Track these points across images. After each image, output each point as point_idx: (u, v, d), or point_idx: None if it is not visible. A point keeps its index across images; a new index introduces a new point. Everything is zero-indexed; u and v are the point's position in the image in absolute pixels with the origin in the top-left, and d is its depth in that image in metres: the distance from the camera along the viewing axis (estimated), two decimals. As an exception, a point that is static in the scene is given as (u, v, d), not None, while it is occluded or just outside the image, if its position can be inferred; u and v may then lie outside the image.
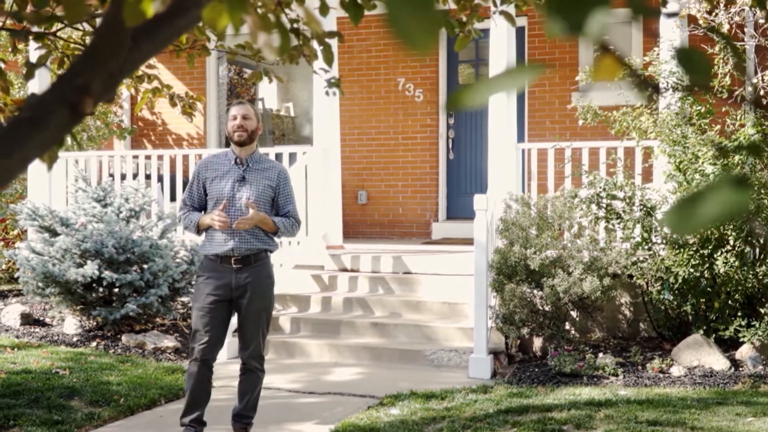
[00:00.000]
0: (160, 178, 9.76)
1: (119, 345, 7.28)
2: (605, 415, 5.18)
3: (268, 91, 11.93)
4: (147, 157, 9.46)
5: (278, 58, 1.60)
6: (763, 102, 7.63)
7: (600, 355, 6.64)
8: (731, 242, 6.54)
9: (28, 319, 7.96)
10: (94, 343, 7.31)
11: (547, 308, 6.82)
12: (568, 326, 7.11)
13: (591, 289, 6.53)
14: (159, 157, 9.98)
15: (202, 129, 11.58)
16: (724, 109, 7.34)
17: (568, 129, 9.55)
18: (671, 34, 7.32)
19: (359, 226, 10.73)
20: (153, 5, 1.20)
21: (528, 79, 0.92)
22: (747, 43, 7.49)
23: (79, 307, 7.67)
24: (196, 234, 4.83)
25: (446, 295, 7.67)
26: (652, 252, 6.81)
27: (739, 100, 7.39)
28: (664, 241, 6.79)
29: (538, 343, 7.00)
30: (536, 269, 6.66)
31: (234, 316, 4.87)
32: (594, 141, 7.99)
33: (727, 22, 7.39)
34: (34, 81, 8.52)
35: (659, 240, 6.83)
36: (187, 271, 7.75)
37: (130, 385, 5.98)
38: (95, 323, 7.66)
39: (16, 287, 9.40)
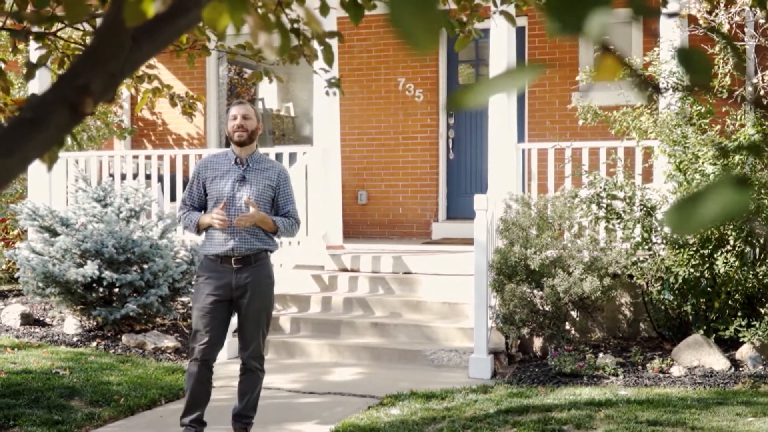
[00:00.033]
0: (160, 178, 9.76)
1: (119, 345, 7.29)
2: (605, 415, 5.18)
3: (268, 91, 11.93)
4: (147, 157, 9.46)
5: (279, 58, 1.60)
6: (764, 102, 7.63)
7: (600, 355, 6.64)
8: (731, 242, 6.54)
9: (28, 319, 7.96)
10: (95, 343, 7.31)
11: (547, 308, 6.82)
12: (568, 326, 7.11)
13: (591, 289, 6.53)
14: (159, 157, 9.98)
15: (203, 129, 11.58)
16: (725, 109, 7.34)
17: (569, 129, 9.55)
18: (671, 34, 7.32)
19: (359, 226, 10.73)
20: (154, 5, 1.20)
21: (528, 79, 0.92)
22: (747, 43, 7.49)
23: (79, 307, 7.67)
24: (196, 234, 4.83)
25: (446, 295, 7.67)
26: (652, 252, 6.81)
27: (739, 100, 7.39)
28: (665, 241, 6.79)
29: (538, 343, 7.00)
30: (536, 269, 6.66)
31: (234, 316, 4.87)
32: (594, 141, 7.99)
33: (728, 22, 7.38)
34: (35, 81, 8.53)
35: (659, 240, 6.83)
36: (188, 271, 7.75)
37: (130, 385, 5.98)
38: (95, 323, 7.67)
39: (16, 287, 9.40)
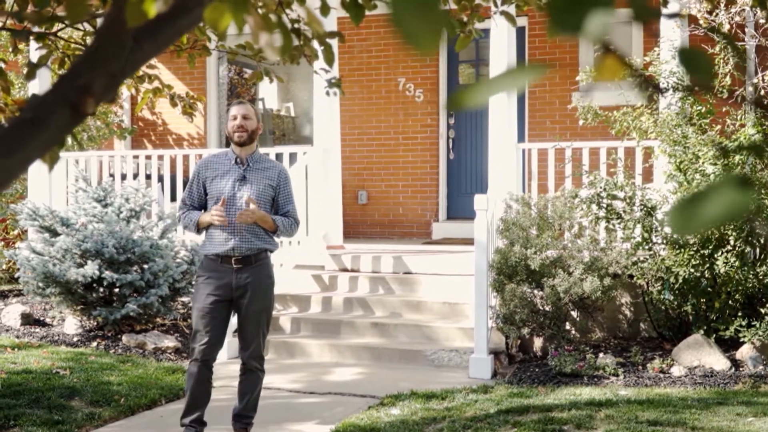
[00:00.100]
0: (160, 178, 9.76)
1: (120, 345, 7.28)
2: (606, 415, 5.18)
3: (269, 91, 11.93)
4: (147, 157, 9.46)
5: (279, 58, 1.60)
6: (764, 102, 7.63)
7: (600, 355, 6.64)
8: (732, 242, 6.53)
9: (28, 319, 7.96)
10: (95, 343, 7.31)
11: (547, 308, 6.82)
12: (568, 326, 7.11)
13: (591, 289, 6.53)
14: (159, 157, 9.98)
15: (203, 129, 11.58)
16: (725, 109, 7.34)
17: (569, 129, 9.55)
18: (671, 34, 7.32)
19: (359, 226, 10.73)
20: (155, 5, 1.20)
21: (529, 79, 0.92)
22: (747, 43, 7.49)
23: (79, 307, 7.67)
24: (196, 233, 4.83)
25: (447, 295, 7.67)
26: (652, 252, 6.81)
27: (739, 100, 7.38)
28: (665, 241, 6.79)
29: (538, 343, 7.00)
30: (537, 269, 6.66)
31: (234, 316, 4.87)
32: (594, 141, 7.99)
33: (728, 22, 7.38)
34: (35, 81, 8.53)
35: (660, 240, 6.82)
36: (188, 271, 7.75)
37: (130, 385, 5.98)
38: (96, 323, 7.66)
39: (16, 287, 9.40)
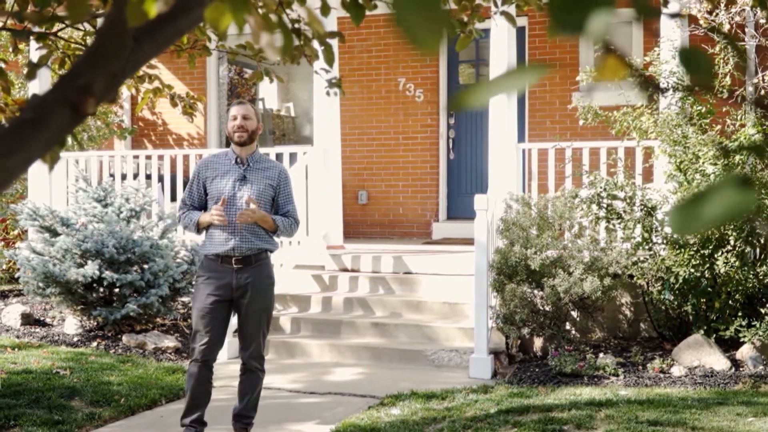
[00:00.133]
0: (160, 178, 9.76)
1: (120, 345, 7.28)
2: (606, 415, 5.18)
3: (269, 91, 11.93)
4: (147, 157, 9.47)
5: (279, 58, 1.60)
6: (764, 102, 7.63)
7: (600, 355, 6.64)
8: (732, 242, 6.53)
9: (28, 319, 7.96)
10: (95, 343, 7.31)
11: (547, 308, 6.82)
12: (568, 326, 7.11)
13: (591, 289, 6.53)
14: (159, 157, 9.98)
15: (203, 129, 11.57)
16: (725, 109, 7.34)
17: (569, 129, 9.55)
18: (671, 34, 7.32)
19: (360, 226, 10.73)
20: (155, 5, 1.19)
21: (530, 80, 0.92)
22: (747, 43, 7.49)
23: (79, 307, 7.67)
24: (196, 233, 4.83)
25: (447, 295, 7.67)
26: (652, 252, 6.81)
27: (739, 100, 7.38)
28: (665, 241, 6.79)
29: (538, 343, 7.00)
30: (537, 269, 6.66)
31: (234, 316, 4.87)
32: (594, 141, 7.99)
33: (728, 22, 7.38)
34: (35, 81, 8.53)
35: (660, 240, 6.82)
36: (188, 271, 7.75)
37: (130, 385, 5.98)
38: (96, 323, 7.66)
39: (16, 287, 9.40)
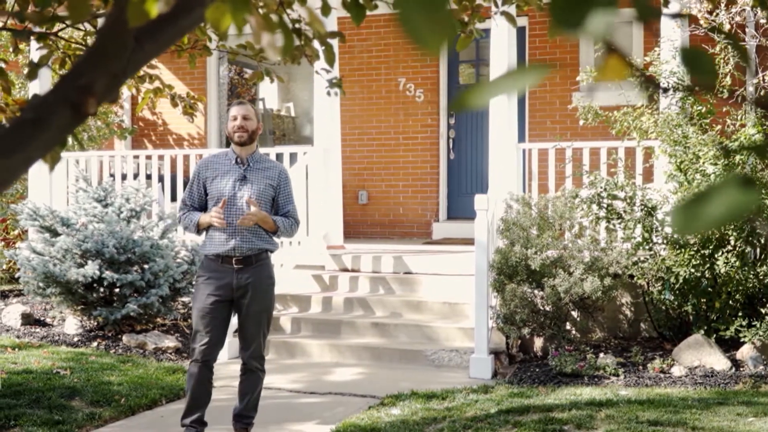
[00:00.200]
0: (160, 178, 9.76)
1: (120, 345, 7.28)
2: (606, 415, 5.18)
3: (269, 91, 11.93)
4: (148, 157, 9.47)
5: (280, 59, 1.60)
6: (764, 102, 7.62)
7: (601, 355, 6.64)
8: (732, 242, 6.53)
9: (28, 319, 7.96)
10: (95, 343, 7.31)
11: (547, 308, 6.82)
12: (568, 326, 7.10)
13: (592, 289, 6.53)
14: (160, 157, 9.98)
15: (203, 129, 11.57)
16: (725, 109, 7.34)
17: (569, 129, 9.55)
18: (672, 34, 7.32)
19: (360, 226, 10.73)
20: (156, 5, 1.19)
21: (532, 80, 0.92)
22: (748, 44, 7.49)
23: (79, 307, 7.67)
24: (196, 234, 4.82)
25: (447, 295, 7.67)
26: (652, 252, 6.81)
27: (739, 100, 7.38)
28: (665, 241, 6.79)
29: (538, 343, 7.00)
30: (537, 269, 6.66)
31: (234, 316, 4.87)
32: (595, 141, 7.99)
33: (728, 22, 7.38)
34: (35, 81, 8.53)
35: (660, 240, 6.82)
36: (188, 271, 7.75)
37: (131, 385, 5.98)
38: (96, 323, 7.66)
39: (16, 287, 9.40)
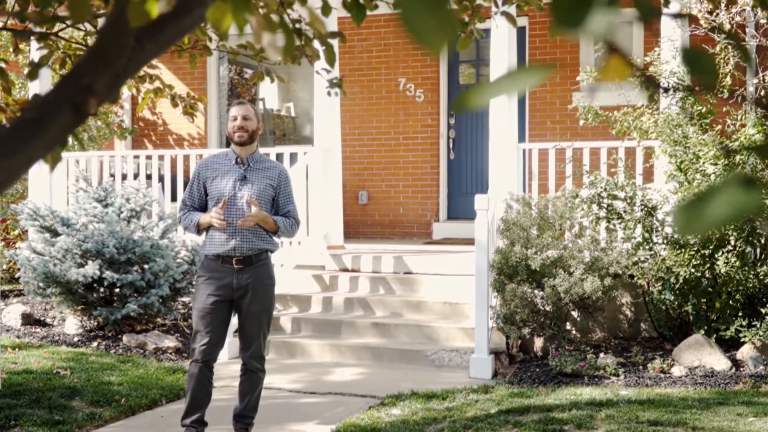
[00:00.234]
0: (160, 178, 9.76)
1: (120, 345, 7.28)
2: (606, 415, 5.18)
3: (269, 91, 11.93)
4: (148, 157, 9.46)
5: (281, 59, 1.60)
6: (764, 102, 7.63)
7: (601, 355, 6.64)
8: (732, 242, 6.53)
9: (29, 319, 7.96)
10: (95, 343, 7.31)
11: (548, 308, 6.82)
12: (569, 326, 7.10)
13: (592, 289, 6.53)
14: (160, 157, 9.98)
15: (203, 129, 11.57)
16: (725, 109, 7.34)
17: (569, 129, 9.55)
18: (672, 34, 7.32)
19: (360, 226, 10.73)
20: (157, 5, 1.19)
21: (533, 80, 0.92)
22: (748, 44, 7.49)
23: (80, 307, 7.67)
24: (197, 234, 4.82)
25: (447, 295, 7.67)
26: (653, 252, 6.81)
27: (739, 100, 7.38)
28: (665, 241, 6.79)
29: (539, 343, 7.00)
30: (537, 269, 6.66)
31: (234, 316, 4.87)
32: (595, 141, 7.99)
33: (728, 22, 7.38)
34: (35, 81, 8.53)
35: (660, 240, 6.82)
36: (188, 271, 7.75)
37: (131, 385, 5.98)
38: (96, 323, 7.66)
39: (17, 287, 9.40)
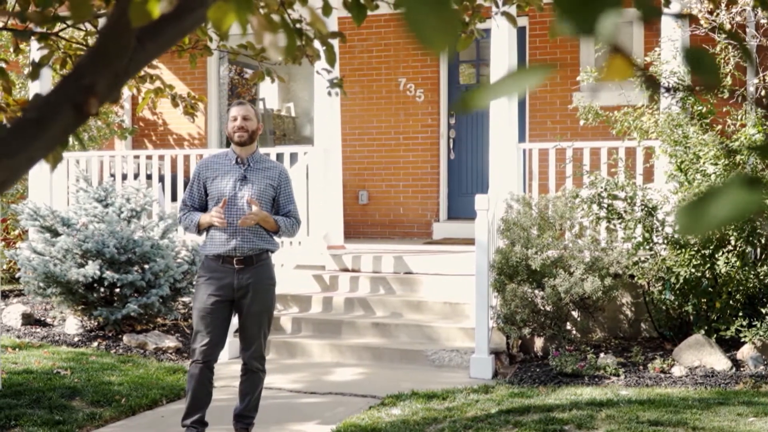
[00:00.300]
0: (161, 178, 9.76)
1: (120, 345, 7.28)
2: (607, 415, 5.18)
3: (269, 91, 11.93)
4: (148, 157, 9.46)
5: (281, 59, 1.60)
6: (765, 102, 7.62)
7: (601, 355, 6.64)
8: (732, 242, 6.53)
9: (29, 320, 7.96)
10: (96, 343, 7.31)
11: (548, 308, 6.82)
12: (569, 326, 7.10)
13: (592, 289, 6.53)
14: (160, 157, 9.98)
15: (203, 129, 11.57)
16: (725, 109, 7.34)
17: (570, 129, 9.55)
18: (672, 34, 7.31)
19: (360, 226, 10.73)
20: (159, 5, 1.19)
21: (534, 81, 0.92)
22: (749, 44, 7.49)
23: (80, 307, 7.67)
24: (197, 234, 4.82)
25: (447, 295, 7.66)
26: (653, 252, 6.81)
27: (740, 100, 7.38)
28: (666, 241, 6.79)
29: (539, 343, 7.00)
30: (537, 269, 6.66)
31: (235, 316, 4.86)
32: (595, 141, 7.99)
33: (729, 22, 7.38)
34: (36, 81, 8.53)
35: (660, 240, 6.82)
36: (189, 271, 7.75)
37: (131, 385, 5.98)
38: (96, 323, 7.66)
39: (17, 287, 9.40)
